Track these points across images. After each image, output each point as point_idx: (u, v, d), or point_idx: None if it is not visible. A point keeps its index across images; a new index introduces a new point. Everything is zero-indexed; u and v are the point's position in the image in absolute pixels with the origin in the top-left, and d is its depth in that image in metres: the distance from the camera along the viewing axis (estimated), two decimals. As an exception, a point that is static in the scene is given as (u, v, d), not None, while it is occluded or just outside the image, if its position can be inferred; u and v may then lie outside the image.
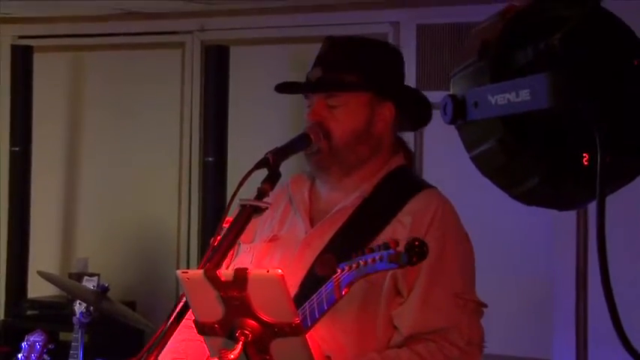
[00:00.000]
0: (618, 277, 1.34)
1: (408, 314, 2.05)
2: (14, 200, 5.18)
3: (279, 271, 1.78)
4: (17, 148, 5.21)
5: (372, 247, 1.89)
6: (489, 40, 1.27)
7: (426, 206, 2.11)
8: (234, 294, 1.78)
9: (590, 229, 4.12)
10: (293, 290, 2.09)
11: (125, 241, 5.42)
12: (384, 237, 2.05)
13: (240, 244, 2.26)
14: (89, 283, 3.38)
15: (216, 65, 4.87)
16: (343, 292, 1.91)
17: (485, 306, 2.14)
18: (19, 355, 3.14)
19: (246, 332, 1.79)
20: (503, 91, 1.22)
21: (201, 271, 1.82)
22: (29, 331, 3.22)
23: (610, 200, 1.22)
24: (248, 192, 2.02)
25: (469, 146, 1.31)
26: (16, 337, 4.29)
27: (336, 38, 2.25)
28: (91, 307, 3.33)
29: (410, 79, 4.78)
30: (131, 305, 4.59)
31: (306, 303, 1.96)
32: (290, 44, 5.13)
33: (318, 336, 1.99)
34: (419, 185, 2.20)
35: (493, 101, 1.23)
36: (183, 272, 1.86)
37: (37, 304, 5.04)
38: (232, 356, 1.76)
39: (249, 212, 1.97)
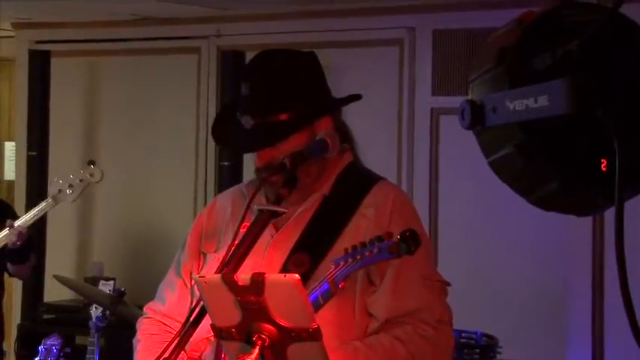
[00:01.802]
0: (636, 281, 1.33)
1: (382, 301, 2.13)
2: (31, 204, 5.20)
3: (297, 275, 1.78)
4: (34, 153, 5.24)
5: (364, 241, 1.98)
6: (507, 46, 1.27)
7: (385, 197, 2.20)
8: (252, 298, 1.78)
9: (605, 233, 4.11)
10: None
11: (141, 246, 5.44)
12: (349, 231, 2.15)
13: (205, 254, 2.30)
14: (105, 287, 3.39)
15: (231, 70, 4.89)
16: (340, 286, 2.00)
17: (449, 284, 2.23)
18: (36, 359, 3.16)
19: (264, 337, 1.79)
20: (521, 97, 1.22)
21: (218, 276, 1.83)
22: (46, 335, 3.24)
23: (628, 205, 1.22)
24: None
25: (487, 151, 1.31)
26: (32, 341, 4.32)
27: (253, 75, 2.21)
28: (107, 311, 3.34)
29: (425, 84, 4.81)
30: (147, 309, 4.60)
31: None
32: (305, 49, 5.13)
33: None
34: (372, 179, 2.28)
35: (511, 107, 1.23)
36: (200, 276, 1.87)
37: (53, 308, 5.06)
38: (249, 361, 1.76)
39: (267, 217, 1.98)
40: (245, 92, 2.18)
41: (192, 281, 2.29)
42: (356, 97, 2.37)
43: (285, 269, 2.15)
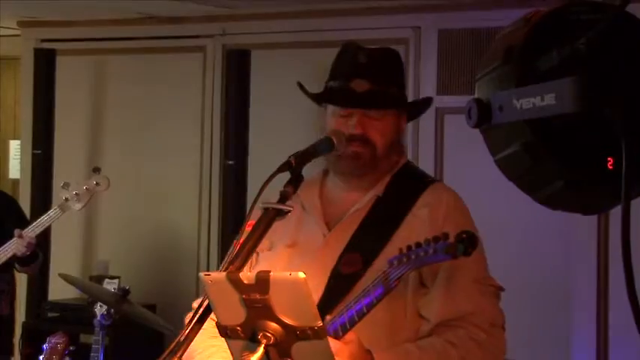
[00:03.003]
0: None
1: (434, 303, 2.13)
2: (36, 203, 5.21)
3: (302, 274, 1.78)
4: (39, 151, 5.24)
5: (419, 241, 1.97)
6: (514, 45, 1.27)
7: (439, 198, 2.22)
8: (257, 297, 1.78)
9: (610, 232, 4.10)
10: (318, 292, 2.15)
11: (146, 244, 5.45)
12: (402, 231, 2.16)
13: (258, 252, 2.30)
14: (110, 286, 3.40)
15: (237, 69, 4.89)
16: (393, 285, 1.99)
17: (503, 289, 2.22)
18: (41, 357, 3.16)
19: (268, 335, 1.79)
20: (528, 95, 1.22)
21: (223, 274, 1.82)
22: (50, 333, 3.24)
23: (635, 204, 1.21)
24: (269, 195, 2.02)
25: (494, 150, 1.31)
26: (37, 338, 4.32)
27: (368, 49, 2.31)
28: (112, 310, 3.35)
29: (431, 84, 4.80)
30: (151, 308, 4.61)
31: (352, 299, 2.03)
32: (311, 48, 5.14)
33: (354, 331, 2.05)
34: (426, 180, 2.31)
35: (518, 105, 1.23)
36: (205, 274, 1.87)
37: (58, 306, 5.07)
38: (254, 359, 1.76)
39: (273, 215, 1.98)
40: (362, 60, 2.25)
41: None
42: (428, 101, 2.44)
43: (336, 268, 2.17)
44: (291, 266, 2.21)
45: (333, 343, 1.98)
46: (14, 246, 3.90)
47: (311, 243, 2.22)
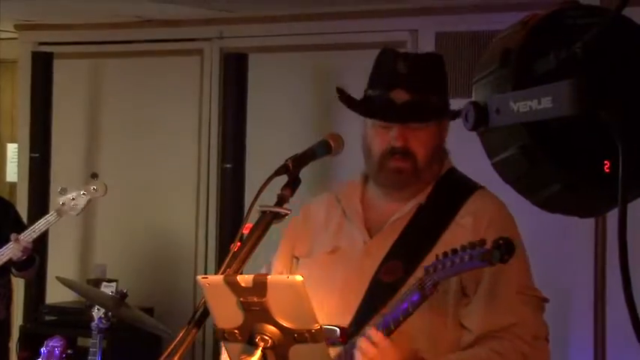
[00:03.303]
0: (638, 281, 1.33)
1: (477, 314, 2.10)
2: (33, 206, 5.21)
3: (300, 276, 1.78)
4: (36, 155, 5.24)
5: (455, 248, 1.93)
6: (511, 48, 1.27)
7: (483, 206, 2.18)
8: (254, 299, 1.78)
9: (608, 235, 4.10)
10: (358, 300, 2.14)
11: (143, 248, 5.44)
12: (444, 240, 2.13)
13: (298, 258, 2.31)
14: (107, 289, 3.39)
15: (234, 72, 4.89)
16: (429, 292, 1.96)
17: (547, 300, 2.19)
18: (38, 360, 3.16)
19: (266, 338, 1.79)
20: (525, 98, 1.22)
21: (221, 277, 1.83)
22: (48, 336, 3.23)
23: (631, 207, 1.21)
24: (267, 199, 2.02)
25: (491, 153, 1.31)
26: (35, 342, 4.32)
27: (408, 56, 2.25)
28: (110, 313, 3.34)
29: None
30: (149, 311, 4.61)
31: (388, 307, 2.02)
32: (309, 51, 5.14)
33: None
34: (470, 187, 2.26)
35: (515, 108, 1.23)
36: (203, 277, 1.87)
37: (55, 309, 5.06)
38: (252, 362, 1.76)
39: (270, 219, 1.98)
40: (402, 69, 2.19)
41: None
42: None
43: (377, 276, 2.15)
44: (331, 274, 2.21)
45: (384, 342, 1.98)
46: (10, 250, 3.89)
47: (351, 249, 2.21)
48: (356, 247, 2.22)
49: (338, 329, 2.12)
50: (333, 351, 2.14)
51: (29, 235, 3.94)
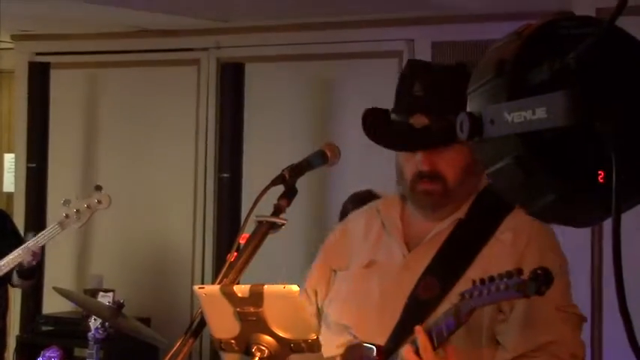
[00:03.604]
0: (636, 293, 1.34)
1: (513, 332, 2.07)
2: (30, 216, 5.21)
3: (296, 286, 1.78)
4: (33, 165, 5.25)
5: (492, 275, 1.89)
6: (506, 58, 1.28)
7: (524, 222, 2.11)
8: (251, 310, 1.78)
9: (604, 242, 4.11)
10: (395, 316, 2.12)
11: (140, 258, 5.44)
12: (483, 256, 2.10)
13: (335, 271, 2.29)
14: (104, 299, 3.40)
15: (231, 82, 4.90)
16: (464, 320, 1.93)
17: (586, 319, 2.15)
18: (36, 371, 3.16)
19: (263, 348, 1.79)
20: (519, 109, 1.22)
21: (217, 287, 1.83)
22: (44, 346, 3.24)
23: (625, 215, 1.22)
24: (264, 208, 2.03)
25: (486, 163, 1.32)
26: (31, 352, 4.32)
27: (425, 75, 2.18)
28: (107, 323, 3.34)
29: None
30: (146, 321, 4.61)
31: (425, 331, 1.98)
32: (305, 61, 5.16)
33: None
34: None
35: (510, 119, 1.23)
36: (200, 288, 1.87)
37: (52, 319, 5.06)
38: (249, 372, 1.77)
39: (266, 229, 1.98)
40: (418, 92, 2.14)
41: (319, 298, 2.29)
42: None
43: (414, 292, 2.12)
44: (368, 288, 2.19)
45: (435, 357, 1.96)
46: (19, 255, 3.89)
47: (390, 263, 2.18)
48: (394, 260, 2.19)
49: (375, 347, 2.12)
50: None
51: (33, 243, 3.94)
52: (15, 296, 4.80)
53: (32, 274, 4.06)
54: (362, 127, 2.24)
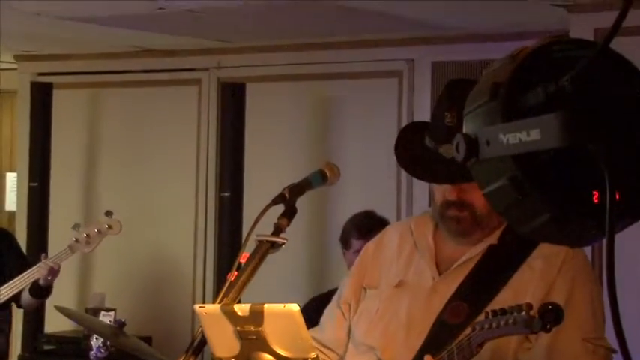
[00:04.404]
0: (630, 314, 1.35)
1: None
2: (32, 234, 5.22)
3: (296, 305, 1.79)
4: (36, 184, 5.26)
5: (505, 308, 1.88)
6: (500, 81, 1.30)
7: (557, 249, 2.09)
8: (251, 328, 1.79)
9: (604, 254, 4.12)
10: (421, 337, 2.12)
11: (141, 277, 5.45)
12: (513, 283, 2.08)
13: (366, 289, 2.29)
14: (106, 318, 3.41)
15: (232, 101, 4.93)
16: (475, 351, 1.93)
17: (615, 352, 2.09)
18: (38, 389, 3.17)
19: (263, 366, 1.80)
20: (514, 131, 1.24)
21: (218, 306, 1.84)
22: (46, 365, 3.24)
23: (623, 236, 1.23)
24: (264, 227, 2.04)
25: (482, 184, 1.33)
26: (33, 371, 4.31)
27: (456, 105, 2.10)
28: (108, 342, 3.35)
29: (424, 115, 4.83)
30: (147, 340, 4.60)
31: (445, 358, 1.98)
32: (306, 80, 5.18)
33: None
34: None
35: (505, 140, 1.25)
36: (200, 307, 1.88)
37: (54, 338, 5.06)
38: (248, 390, 1.78)
39: (267, 248, 1.99)
40: (450, 122, 2.10)
41: (351, 313, 2.28)
42: None
43: (442, 316, 2.12)
44: (396, 308, 2.19)
45: None
46: (36, 271, 3.88)
47: (419, 285, 2.18)
48: (424, 282, 2.19)
49: None
50: None
51: (52, 260, 3.93)
52: (17, 315, 4.80)
53: (47, 292, 4.05)
54: (394, 149, 2.23)
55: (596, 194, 1.26)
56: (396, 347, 2.16)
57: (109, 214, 3.99)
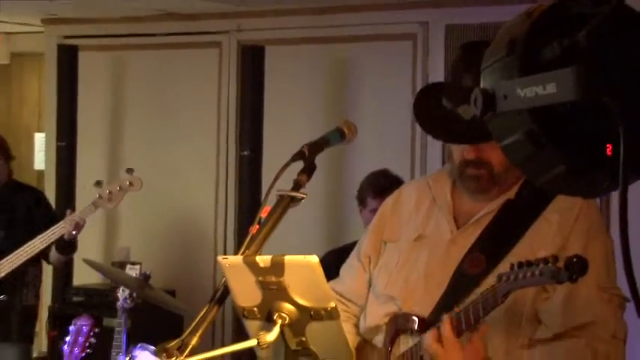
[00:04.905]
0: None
1: (554, 312, 2.08)
2: (60, 192, 5.32)
3: (315, 257, 1.83)
4: (63, 143, 5.34)
5: (530, 260, 1.92)
6: (517, 36, 1.32)
7: (572, 202, 2.13)
8: (272, 279, 1.82)
9: (612, 220, 4.13)
10: (441, 289, 2.16)
11: (165, 231, 5.53)
12: (530, 235, 2.13)
13: (385, 242, 2.33)
14: (132, 271, 3.47)
15: (252, 64, 4.96)
16: (500, 302, 1.97)
17: (629, 301, 2.09)
18: (67, 339, 3.24)
19: (284, 315, 1.82)
20: (531, 85, 1.25)
21: (240, 257, 1.87)
22: (75, 316, 3.32)
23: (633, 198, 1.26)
24: (284, 184, 2.07)
25: (499, 137, 1.36)
26: (62, 322, 4.41)
27: (472, 62, 1.99)
28: (134, 294, 3.42)
29: (438, 78, 4.83)
30: (171, 293, 4.69)
31: (462, 310, 2.02)
32: (323, 44, 5.20)
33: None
34: None
35: (522, 94, 1.27)
36: (223, 258, 1.91)
37: (82, 290, 5.16)
38: (270, 338, 1.82)
39: (287, 203, 2.01)
40: (467, 82, 2.11)
41: (371, 266, 2.33)
42: None
43: (461, 267, 2.15)
44: (415, 261, 2.23)
45: (456, 345, 2.00)
46: (60, 228, 3.95)
47: (438, 238, 2.21)
48: (442, 235, 2.23)
49: (417, 319, 2.16)
50: (412, 339, 2.17)
51: (78, 214, 3.99)
52: (47, 268, 4.88)
53: (72, 249, 4.11)
54: (412, 109, 2.25)
55: (609, 147, 1.29)
56: (417, 297, 2.20)
57: (129, 171, 4.04)
